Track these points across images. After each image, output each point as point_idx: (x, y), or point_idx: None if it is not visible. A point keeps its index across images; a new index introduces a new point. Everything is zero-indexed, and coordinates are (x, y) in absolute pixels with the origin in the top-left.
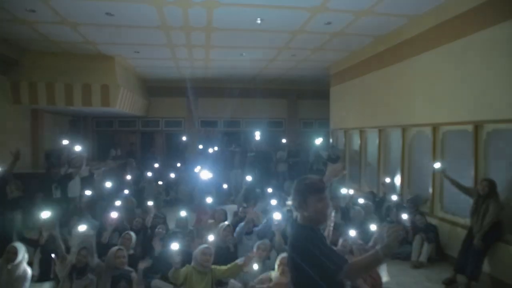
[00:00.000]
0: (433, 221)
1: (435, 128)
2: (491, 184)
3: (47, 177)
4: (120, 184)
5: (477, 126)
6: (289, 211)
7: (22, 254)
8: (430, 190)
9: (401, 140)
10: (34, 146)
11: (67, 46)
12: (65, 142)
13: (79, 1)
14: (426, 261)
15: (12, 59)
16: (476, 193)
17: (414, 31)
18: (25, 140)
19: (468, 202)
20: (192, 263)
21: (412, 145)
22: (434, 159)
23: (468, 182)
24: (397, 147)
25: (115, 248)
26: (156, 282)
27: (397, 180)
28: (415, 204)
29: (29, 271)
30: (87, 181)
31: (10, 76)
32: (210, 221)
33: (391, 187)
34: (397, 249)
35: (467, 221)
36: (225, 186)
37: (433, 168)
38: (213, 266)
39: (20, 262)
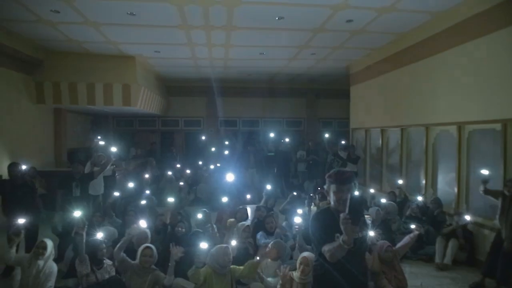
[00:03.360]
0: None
1: (460, 127)
2: None
3: (68, 175)
4: (140, 184)
5: (506, 125)
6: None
7: (50, 249)
8: (456, 191)
9: (425, 140)
10: (57, 145)
11: (90, 46)
12: (99, 141)
13: (102, 1)
14: (450, 263)
15: (36, 60)
16: (502, 195)
17: (438, 28)
18: (48, 139)
19: (496, 203)
20: (210, 263)
21: (435, 144)
22: (459, 159)
23: (496, 183)
24: (420, 146)
25: (143, 246)
26: (178, 280)
27: (421, 180)
28: (439, 204)
29: (55, 266)
30: (110, 181)
31: (34, 76)
32: (231, 220)
33: (408, 188)
34: (356, 235)
35: (495, 223)
36: (248, 196)
37: (481, 175)
38: (232, 266)
39: (48, 258)
